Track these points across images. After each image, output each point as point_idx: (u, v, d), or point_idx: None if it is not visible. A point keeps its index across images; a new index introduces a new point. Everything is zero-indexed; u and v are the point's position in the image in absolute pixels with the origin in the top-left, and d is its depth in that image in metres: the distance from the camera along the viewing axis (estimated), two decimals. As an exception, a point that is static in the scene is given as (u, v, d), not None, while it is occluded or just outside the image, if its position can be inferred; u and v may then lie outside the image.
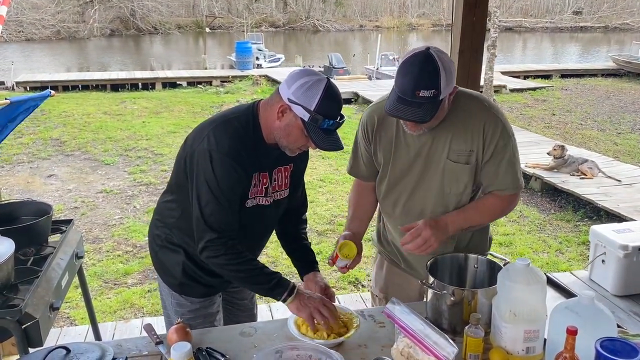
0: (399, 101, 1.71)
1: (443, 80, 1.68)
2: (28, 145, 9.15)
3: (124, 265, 4.95)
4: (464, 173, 1.89)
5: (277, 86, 1.79)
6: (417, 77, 1.68)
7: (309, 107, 1.66)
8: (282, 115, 1.72)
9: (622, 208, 5.90)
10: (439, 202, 1.94)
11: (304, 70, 1.75)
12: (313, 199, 6.55)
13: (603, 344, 1.34)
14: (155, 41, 34.23)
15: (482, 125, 1.84)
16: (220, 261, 1.77)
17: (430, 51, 1.70)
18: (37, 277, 2.30)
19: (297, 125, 1.71)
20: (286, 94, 1.70)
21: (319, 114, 1.66)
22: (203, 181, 1.73)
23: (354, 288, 4.56)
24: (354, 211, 2.13)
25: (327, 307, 1.76)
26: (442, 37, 34.57)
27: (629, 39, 31.29)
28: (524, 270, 1.59)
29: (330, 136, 1.71)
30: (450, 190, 1.92)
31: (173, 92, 15.53)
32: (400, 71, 1.74)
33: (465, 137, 1.86)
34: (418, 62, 1.69)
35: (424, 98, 1.67)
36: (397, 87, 1.73)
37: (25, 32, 32.03)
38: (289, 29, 39.80)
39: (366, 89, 14.35)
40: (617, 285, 3.92)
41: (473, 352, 1.61)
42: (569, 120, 11.46)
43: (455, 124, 1.85)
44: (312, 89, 1.67)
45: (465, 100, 1.87)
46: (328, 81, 1.70)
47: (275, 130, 1.76)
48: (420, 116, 1.70)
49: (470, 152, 1.87)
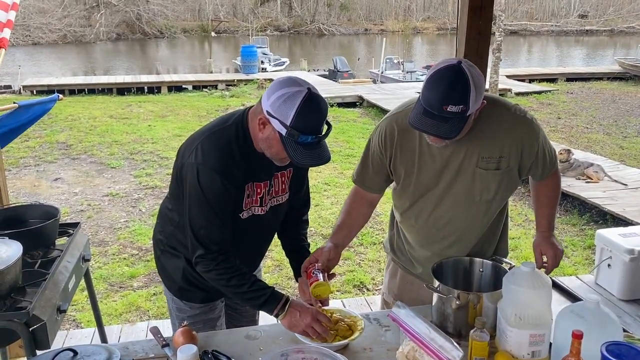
0: (425, 114, 1.65)
1: (472, 96, 1.62)
2: (34, 149, 9.21)
3: (130, 269, 4.97)
4: (494, 179, 1.85)
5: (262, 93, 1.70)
6: (446, 92, 1.61)
7: (284, 121, 1.57)
8: (263, 127, 1.65)
9: (628, 212, 5.87)
10: (467, 210, 1.91)
11: (285, 80, 1.65)
12: (318, 203, 6.55)
13: (609, 348, 1.34)
14: (161, 45, 34.39)
15: (515, 137, 1.82)
16: (212, 276, 1.77)
17: (462, 65, 1.63)
18: (45, 280, 2.31)
19: (276, 139, 1.63)
20: (265, 106, 1.62)
21: (295, 130, 1.57)
22: (191, 196, 1.70)
23: (359, 292, 4.56)
24: (345, 219, 2.03)
25: (320, 321, 1.73)
26: (447, 40, 34.58)
27: (634, 42, 31.18)
28: (529, 274, 1.59)
29: (311, 151, 1.62)
30: (481, 197, 1.88)
31: (179, 95, 15.60)
32: (428, 83, 1.66)
33: (494, 143, 1.82)
34: (448, 76, 1.62)
35: (452, 113, 1.61)
36: (424, 100, 1.66)
37: (32, 36, 32.27)
38: (294, 32, 39.92)
39: (371, 93, 14.35)
40: (623, 290, 3.90)
41: (478, 356, 1.60)
42: (574, 124, 11.42)
43: (483, 131, 1.80)
44: (288, 102, 1.57)
45: (489, 107, 1.78)
46: (308, 92, 1.59)
47: (259, 141, 1.71)
48: (446, 131, 1.64)
49: (500, 158, 1.83)
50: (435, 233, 1.98)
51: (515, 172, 1.88)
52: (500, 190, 1.88)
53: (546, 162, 1.92)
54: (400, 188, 1.99)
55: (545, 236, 2.07)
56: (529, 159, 1.87)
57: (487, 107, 1.77)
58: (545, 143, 1.90)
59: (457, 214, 1.92)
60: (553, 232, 2.09)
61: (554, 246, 2.05)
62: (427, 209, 1.95)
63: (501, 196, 1.91)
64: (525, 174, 1.94)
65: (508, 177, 1.87)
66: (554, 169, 2.01)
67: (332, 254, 1.92)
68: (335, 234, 2.01)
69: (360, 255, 5.27)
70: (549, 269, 2.05)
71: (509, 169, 1.85)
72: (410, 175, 1.92)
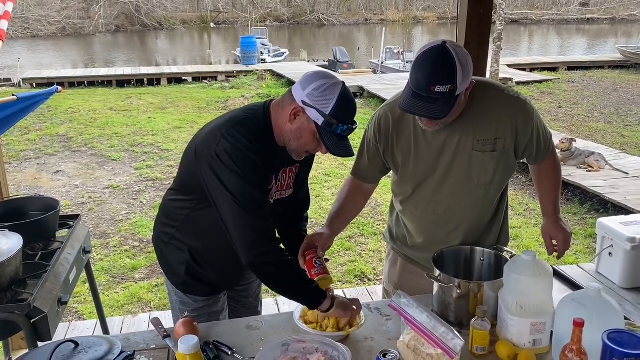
0: (413, 96, 1.67)
1: (460, 76, 1.63)
2: (35, 142, 9.20)
3: (131, 260, 4.98)
4: (491, 161, 1.86)
5: (290, 87, 1.74)
6: (433, 72, 1.63)
7: (324, 110, 1.62)
8: (294, 118, 1.68)
9: (629, 200, 5.86)
10: (467, 195, 1.92)
11: (320, 73, 1.71)
12: (319, 194, 6.55)
13: (610, 336, 1.33)
14: (160, 37, 34.25)
15: (510, 117, 1.83)
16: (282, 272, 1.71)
17: (446, 45, 1.64)
18: (45, 272, 2.31)
19: (310, 129, 1.67)
20: (300, 96, 1.65)
21: (334, 119, 1.62)
22: (224, 188, 1.64)
23: (360, 282, 4.57)
24: (339, 208, 2.03)
25: None
26: (448, 30, 34.40)
27: (636, 30, 31.06)
28: (530, 263, 1.59)
29: (343, 142, 1.68)
30: (479, 181, 1.89)
31: (178, 87, 15.56)
32: (415, 66, 1.68)
33: (488, 126, 1.83)
34: (434, 57, 1.64)
35: (440, 94, 1.63)
36: (412, 82, 1.68)
37: (31, 29, 32.14)
38: (293, 23, 39.72)
39: (371, 83, 14.29)
40: (625, 278, 3.90)
41: (480, 345, 1.61)
42: (575, 113, 11.39)
43: (477, 114, 1.82)
44: (328, 93, 1.63)
45: (481, 89, 1.81)
46: (344, 85, 1.67)
47: (285, 133, 1.72)
48: (436, 112, 1.65)
49: (496, 140, 1.84)
50: (436, 220, 1.98)
51: (512, 153, 1.88)
52: (497, 172, 1.89)
53: (541, 142, 1.92)
54: (399, 177, 2.00)
55: (553, 220, 2.09)
56: (525, 138, 1.87)
57: (480, 90, 1.80)
58: (540, 123, 1.91)
59: (456, 199, 1.93)
60: (559, 216, 2.10)
61: (563, 230, 2.06)
62: (427, 197, 1.95)
63: (499, 179, 1.91)
64: (521, 155, 1.93)
65: (505, 159, 1.88)
66: (550, 150, 2.01)
67: (331, 241, 1.94)
68: (331, 221, 2.00)
69: (362, 245, 5.28)
70: (560, 253, 2.07)
71: (505, 150, 1.86)
72: (407, 163, 1.93)
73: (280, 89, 14.16)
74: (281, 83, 15.25)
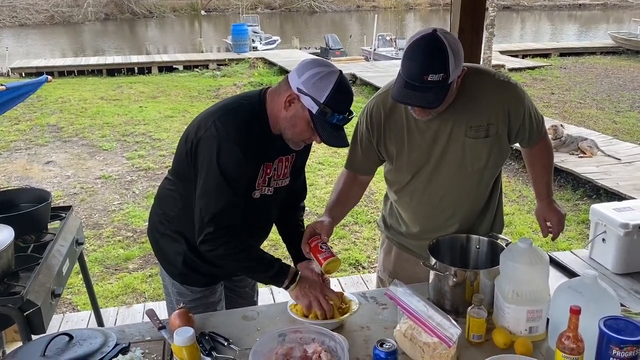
0: (406, 87, 1.65)
1: (452, 63, 1.61)
2: (25, 132, 9.11)
3: (125, 251, 4.95)
4: (485, 147, 1.85)
5: (286, 75, 1.72)
6: (425, 61, 1.61)
7: (318, 99, 1.60)
8: (289, 105, 1.66)
9: (621, 186, 5.89)
10: (461, 182, 1.91)
11: (317, 60, 1.68)
12: (312, 182, 6.54)
13: (607, 323, 1.34)
14: (150, 25, 33.90)
15: (501, 102, 1.82)
16: (219, 252, 1.74)
17: (437, 33, 1.62)
18: (38, 264, 2.29)
19: (304, 117, 1.65)
20: (295, 84, 1.64)
21: (328, 107, 1.60)
22: (208, 170, 1.67)
23: (355, 270, 4.57)
24: (338, 198, 2.02)
25: (327, 298, 1.74)
26: (440, 16, 34.33)
27: (628, 16, 31.05)
28: (526, 250, 1.59)
29: (337, 131, 1.66)
30: (473, 167, 1.88)
31: (169, 76, 15.42)
32: (406, 55, 1.66)
33: (480, 111, 1.82)
34: (424, 45, 1.62)
35: (433, 82, 1.61)
36: (404, 72, 1.66)
37: (19, 18, 31.70)
38: (285, 10, 39.39)
39: (364, 71, 14.23)
40: (618, 264, 3.93)
41: (476, 333, 1.61)
42: (567, 99, 11.41)
43: (468, 100, 1.80)
44: (324, 81, 1.61)
45: (471, 75, 1.80)
46: (341, 74, 1.64)
47: (280, 121, 1.70)
48: (430, 101, 1.64)
49: (488, 125, 1.83)
50: (432, 209, 1.98)
51: (505, 137, 1.88)
52: (491, 157, 1.89)
53: (533, 125, 1.92)
54: (393, 167, 1.99)
55: (547, 203, 2.11)
56: (517, 122, 1.87)
57: (470, 76, 1.79)
58: (531, 106, 1.90)
59: (451, 187, 1.93)
60: (552, 198, 2.12)
61: (557, 211, 2.08)
62: (422, 186, 1.95)
63: (493, 164, 1.91)
64: (514, 139, 1.93)
65: (498, 144, 1.88)
66: (542, 133, 2.01)
67: (332, 228, 1.93)
68: (331, 209, 1.98)
69: (356, 233, 5.28)
70: (555, 234, 2.10)
71: (498, 136, 1.86)
72: (401, 154, 1.92)
73: (273, 76, 14.08)
74: (273, 71, 15.15)
